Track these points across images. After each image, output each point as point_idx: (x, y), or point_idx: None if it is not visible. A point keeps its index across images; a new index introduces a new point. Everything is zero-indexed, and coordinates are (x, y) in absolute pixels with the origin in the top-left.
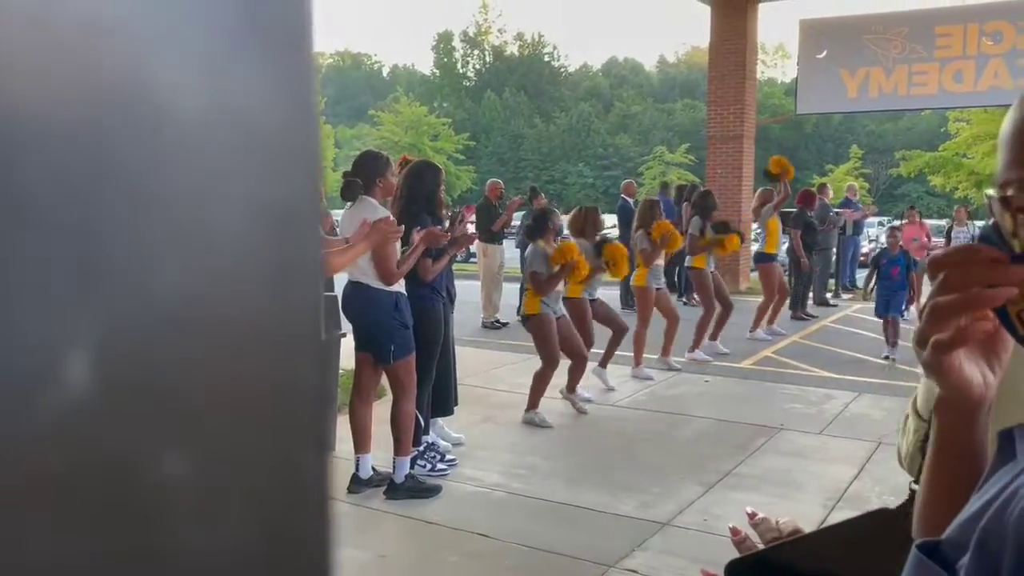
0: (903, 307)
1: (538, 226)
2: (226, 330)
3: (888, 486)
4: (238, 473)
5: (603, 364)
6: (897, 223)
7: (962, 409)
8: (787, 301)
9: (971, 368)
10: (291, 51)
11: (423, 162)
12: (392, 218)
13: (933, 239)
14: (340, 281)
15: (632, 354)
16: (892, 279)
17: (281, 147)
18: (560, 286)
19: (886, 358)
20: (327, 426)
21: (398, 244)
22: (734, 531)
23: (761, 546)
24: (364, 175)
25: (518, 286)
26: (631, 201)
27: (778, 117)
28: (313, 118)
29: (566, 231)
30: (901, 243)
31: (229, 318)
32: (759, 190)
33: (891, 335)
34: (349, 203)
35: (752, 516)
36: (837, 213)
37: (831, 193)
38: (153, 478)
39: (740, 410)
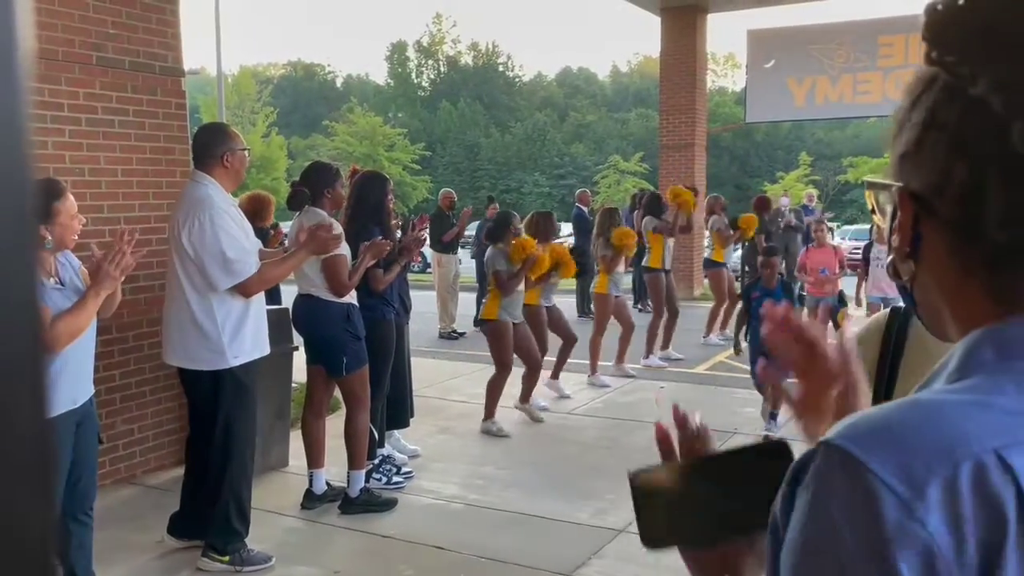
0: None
1: (499, 229)
2: None
3: None
4: None
5: (555, 375)
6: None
7: None
8: (738, 306)
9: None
10: None
11: (370, 173)
12: (331, 224)
13: (848, 262)
14: (290, 293)
15: (588, 362)
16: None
17: None
18: (521, 287)
19: (766, 434)
20: (49, 476)
21: (348, 255)
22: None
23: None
24: (312, 186)
25: (475, 296)
26: (586, 210)
27: (729, 125)
28: (21, 144)
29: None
30: (782, 272)
31: None
32: (707, 198)
33: (771, 403)
34: (297, 214)
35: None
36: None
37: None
38: None
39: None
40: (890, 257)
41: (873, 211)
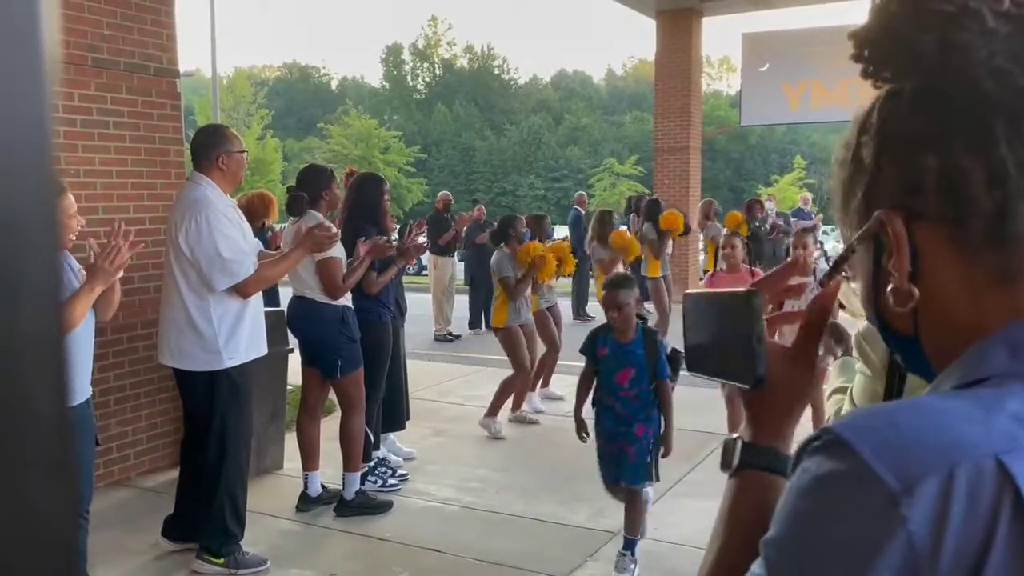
0: (648, 461)
1: (502, 231)
2: None
3: None
4: None
5: (545, 384)
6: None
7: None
8: None
9: None
10: (13, 51)
11: (366, 174)
12: (327, 223)
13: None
14: (285, 295)
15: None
16: (619, 394)
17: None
18: (528, 291)
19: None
20: (67, 461)
21: (343, 258)
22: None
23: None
24: (309, 189)
25: (467, 298)
26: (583, 212)
27: (723, 128)
28: (43, 133)
29: None
30: (643, 315)
31: None
32: (701, 202)
33: (632, 523)
34: (294, 219)
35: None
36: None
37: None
38: None
39: (689, 417)
40: (868, 309)
41: (847, 276)
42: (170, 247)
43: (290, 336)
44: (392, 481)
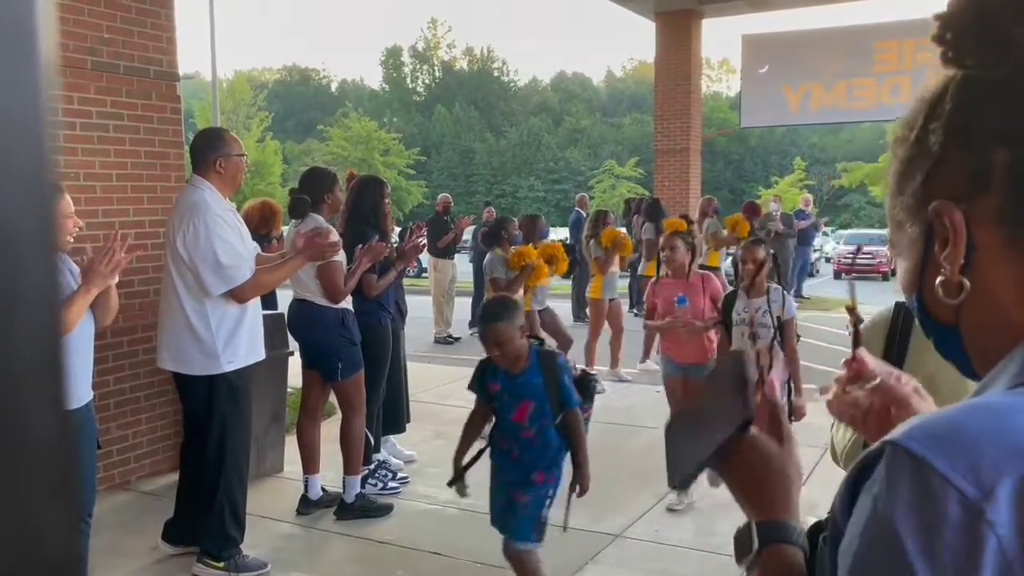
0: (541, 516)
1: (494, 234)
2: None
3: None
4: None
5: None
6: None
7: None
8: None
9: None
10: (10, 57)
11: (367, 176)
12: (327, 231)
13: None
14: (285, 298)
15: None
16: (519, 435)
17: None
18: (519, 293)
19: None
20: (69, 475)
21: (344, 261)
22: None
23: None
24: (311, 192)
25: (470, 300)
26: (584, 213)
27: (723, 130)
28: (41, 135)
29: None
30: (538, 337)
31: None
32: (700, 201)
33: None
34: (295, 221)
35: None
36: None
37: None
38: None
39: None
40: (913, 296)
41: (895, 251)
42: (169, 251)
43: (290, 339)
44: (392, 484)
